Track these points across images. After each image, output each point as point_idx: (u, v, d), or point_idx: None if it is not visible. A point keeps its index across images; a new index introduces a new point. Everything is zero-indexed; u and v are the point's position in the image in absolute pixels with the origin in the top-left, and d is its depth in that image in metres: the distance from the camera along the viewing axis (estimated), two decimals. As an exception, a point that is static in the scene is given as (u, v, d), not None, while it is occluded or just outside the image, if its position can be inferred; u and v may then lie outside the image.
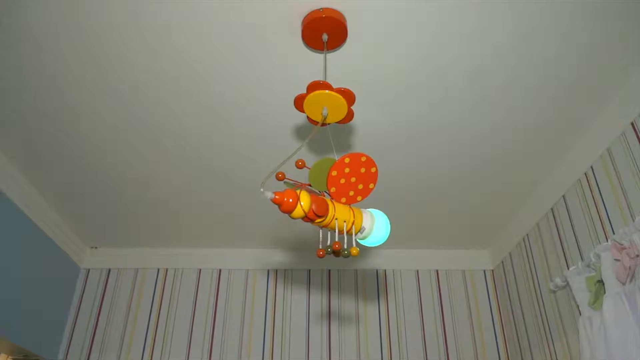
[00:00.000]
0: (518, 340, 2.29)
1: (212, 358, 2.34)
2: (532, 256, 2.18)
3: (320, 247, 0.99)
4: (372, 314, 2.47)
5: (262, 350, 2.36)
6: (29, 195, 2.08)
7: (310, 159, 1.76)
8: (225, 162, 1.90)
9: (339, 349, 2.38)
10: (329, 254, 0.99)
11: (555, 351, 1.96)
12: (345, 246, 0.98)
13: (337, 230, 1.00)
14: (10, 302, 1.98)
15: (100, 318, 2.42)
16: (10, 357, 2.20)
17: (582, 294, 1.66)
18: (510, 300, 2.39)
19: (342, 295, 2.52)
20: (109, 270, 2.55)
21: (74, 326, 2.40)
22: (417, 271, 2.60)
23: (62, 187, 2.07)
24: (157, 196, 2.12)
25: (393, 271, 2.60)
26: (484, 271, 2.62)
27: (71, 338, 2.37)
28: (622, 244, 1.44)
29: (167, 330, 2.40)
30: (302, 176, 1.24)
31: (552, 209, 2.02)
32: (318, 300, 2.50)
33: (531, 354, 2.16)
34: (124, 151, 1.84)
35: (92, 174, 1.98)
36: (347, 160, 0.99)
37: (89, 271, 2.55)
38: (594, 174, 1.74)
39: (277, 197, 0.93)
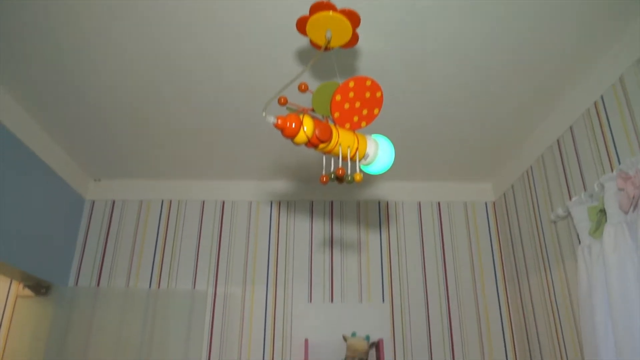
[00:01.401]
0: (516, 269, 2.35)
1: (217, 286, 2.41)
2: (535, 188, 2.18)
3: (324, 173, 0.98)
4: (374, 243, 2.52)
5: (266, 278, 2.43)
6: (32, 130, 2.07)
7: (314, 85, 1.71)
8: (226, 91, 1.86)
9: (341, 274, 2.45)
10: (333, 180, 0.98)
11: (552, 279, 2.01)
12: (349, 172, 0.96)
13: (340, 157, 0.99)
14: (20, 233, 2.01)
15: (107, 247, 2.48)
16: (22, 284, 2.27)
17: (583, 224, 1.67)
18: (510, 231, 2.42)
19: (345, 226, 2.55)
20: (114, 202, 2.58)
21: (82, 255, 2.46)
22: (419, 203, 2.62)
23: (65, 121, 2.04)
24: (158, 128, 2.10)
25: (395, 203, 2.62)
26: (486, 203, 2.63)
27: (80, 266, 2.44)
28: (627, 174, 1.43)
29: (173, 260, 2.46)
30: (305, 101, 1.21)
31: (557, 140, 1.99)
32: (320, 230, 2.54)
33: (528, 281, 2.21)
34: (126, 83, 1.79)
35: (94, 108, 1.95)
36: (351, 84, 0.95)
37: (93, 203, 2.58)
38: (603, 103, 1.69)
39: (279, 121, 0.91)
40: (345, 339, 2.27)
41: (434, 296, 2.43)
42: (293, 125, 0.90)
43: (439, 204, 2.62)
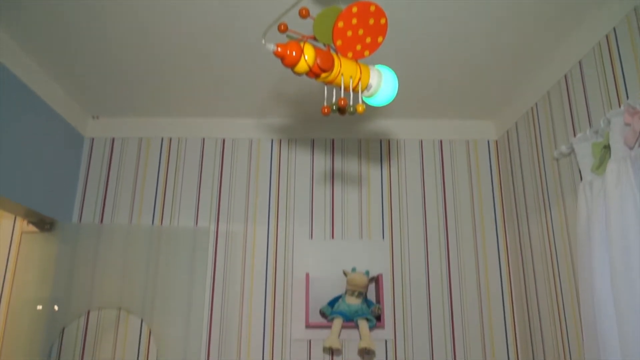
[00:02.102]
0: (516, 208, 2.36)
1: (219, 223, 2.44)
2: (539, 126, 2.15)
3: (325, 104, 0.96)
4: (375, 181, 2.52)
5: (268, 215, 2.45)
6: (29, 67, 2.02)
7: (315, 10, 1.64)
8: (225, 22, 1.79)
9: (342, 212, 2.47)
10: (334, 111, 0.95)
11: (551, 217, 2.02)
12: (351, 103, 0.94)
13: (342, 87, 0.96)
14: (21, 170, 2.00)
15: (109, 185, 2.48)
16: (26, 220, 2.30)
17: (587, 160, 1.66)
18: (511, 170, 2.42)
19: (346, 164, 2.55)
20: (113, 140, 2.56)
21: (85, 192, 2.47)
22: (421, 141, 2.60)
23: (61, 57, 1.99)
24: (156, 64, 2.04)
25: (397, 140, 2.59)
26: (488, 141, 2.61)
27: (83, 203, 2.45)
28: (635, 108, 1.40)
29: (175, 197, 2.47)
30: (306, 28, 1.16)
31: (565, 76, 1.94)
32: (321, 168, 2.54)
33: (527, 220, 2.23)
34: (123, 17, 1.72)
35: (91, 43, 1.88)
36: (354, 9, 0.91)
37: (93, 140, 2.56)
38: (615, 36, 1.63)
39: (279, 49, 0.88)
40: (345, 274, 2.32)
41: (434, 234, 2.46)
42: (293, 54, 0.87)
43: (440, 142, 2.60)
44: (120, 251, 2.31)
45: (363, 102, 1.01)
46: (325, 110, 0.94)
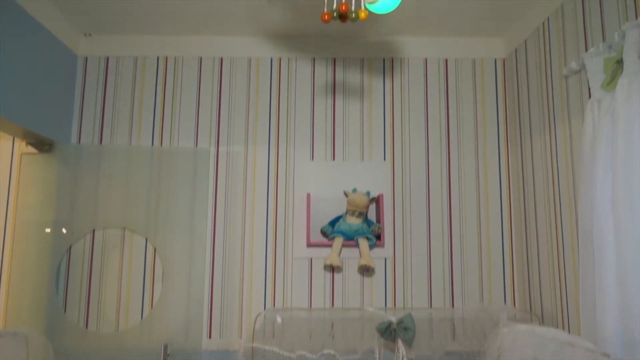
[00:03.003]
0: (520, 129, 2.32)
1: (219, 144, 2.41)
2: (549, 42, 2.06)
3: (326, 10, 0.90)
4: (377, 102, 2.47)
5: (268, 136, 2.42)
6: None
7: None
8: None
9: (343, 133, 2.44)
10: (335, 18, 0.90)
11: (555, 137, 1.99)
12: (353, 8, 0.88)
13: (344, -9, 0.89)
14: (14, 89, 1.95)
15: (105, 105, 2.43)
16: (25, 141, 2.28)
17: (597, 76, 1.60)
18: (518, 89, 2.35)
19: (347, 84, 2.48)
20: (107, 59, 2.48)
21: (82, 113, 2.43)
22: (425, 59, 2.51)
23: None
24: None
25: (400, 59, 2.51)
26: (495, 60, 2.52)
27: (81, 124, 2.42)
28: (653, 19, 1.32)
29: (174, 118, 2.43)
30: None
31: (580, -13, 1.83)
32: (322, 89, 2.47)
33: (531, 141, 2.20)
34: None
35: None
36: None
37: (86, 59, 2.47)
38: (639, -60, 1.51)
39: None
40: (346, 194, 2.33)
41: (435, 155, 2.44)
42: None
43: (445, 60, 2.51)
44: (121, 172, 2.31)
45: (365, 8, 0.94)
46: (326, 17, 0.88)
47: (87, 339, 2.23)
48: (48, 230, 2.25)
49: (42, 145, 2.29)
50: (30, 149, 2.29)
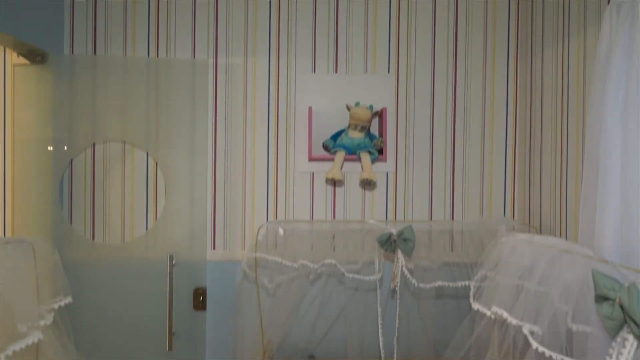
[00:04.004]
0: (532, 36, 2.22)
1: (217, 56, 2.33)
2: (570, -59, 1.91)
3: None
4: (382, 11, 2.34)
5: (268, 48, 2.33)
6: None
7: None
8: None
9: (346, 44, 2.34)
10: None
11: (569, 46, 1.90)
12: None
13: None
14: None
15: (97, 13, 2.31)
16: (16, 52, 2.20)
17: (619, -22, 1.49)
18: (532, 1, 2.22)
19: (351, -9, 2.34)
20: (96, -38, 2.32)
21: (72, 22, 2.31)
22: (435, -37, 2.35)
23: None
24: None
25: (408, -37, 2.35)
26: (509, -36, 2.36)
27: (73, 34, 2.32)
28: None
29: (170, 28, 2.32)
30: None
31: None
32: (325, -4, 2.34)
33: (542, 51, 2.11)
34: None
35: None
36: None
37: (73, -38, 2.32)
38: None
39: None
40: (348, 107, 2.28)
41: (441, 66, 2.36)
42: None
43: (457, -36, 2.35)
44: (118, 84, 2.25)
45: None
46: None
47: (94, 251, 2.29)
48: (50, 148, 2.23)
49: (34, 56, 2.21)
50: (22, 60, 2.22)
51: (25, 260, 1.36)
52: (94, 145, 2.30)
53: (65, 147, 2.26)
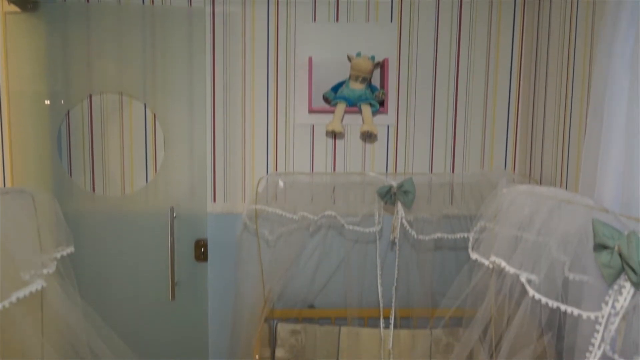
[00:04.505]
0: (540, -16, 2.14)
1: (215, 4, 2.25)
2: None
3: None
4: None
5: (267, -5, 2.26)
6: None
7: None
8: None
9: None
10: None
11: (578, -8, 1.84)
12: None
13: None
14: None
15: (89, -42, 2.23)
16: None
17: None
18: (542, -61, 2.12)
19: None
20: None
21: (63, -33, 2.23)
22: None
23: None
24: None
25: None
26: None
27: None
28: None
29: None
30: None
31: None
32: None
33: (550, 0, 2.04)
34: None
35: None
36: None
37: None
38: None
39: None
40: (349, 58, 2.23)
41: (445, 17, 2.28)
42: None
43: None
44: (112, 33, 2.19)
45: None
46: None
47: (95, 203, 2.29)
48: (47, 102, 2.20)
49: (25, 3, 2.14)
50: (13, 7, 2.15)
51: (25, 210, 1.36)
52: (90, 96, 2.26)
53: (62, 101, 2.22)
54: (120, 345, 1.50)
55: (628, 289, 0.94)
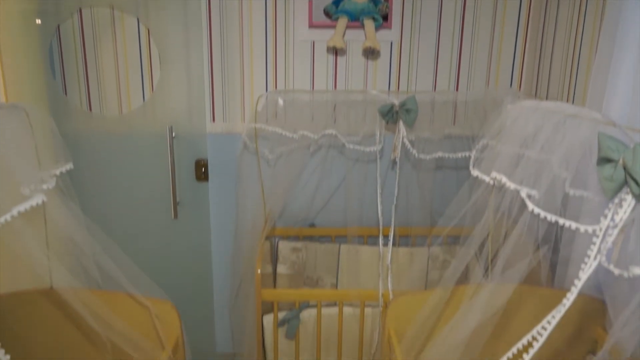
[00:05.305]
0: None
1: None
2: None
3: None
4: None
5: None
6: None
7: None
8: None
9: None
10: None
11: None
12: None
13: None
14: None
15: None
16: None
17: None
18: None
19: None
20: None
21: None
22: None
23: None
24: None
25: None
26: None
27: None
28: None
29: None
30: None
31: None
32: None
33: None
34: None
35: None
36: None
37: None
38: None
39: None
40: (352, -32, 2.10)
41: None
42: None
43: None
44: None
45: None
46: None
47: (92, 122, 2.26)
48: (38, 21, 2.10)
49: None
50: None
51: (21, 125, 1.33)
52: (80, 10, 2.16)
53: (52, 16, 2.12)
54: (125, 260, 1.53)
55: (629, 202, 0.93)
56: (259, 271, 1.87)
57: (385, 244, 2.07)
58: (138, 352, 1.46)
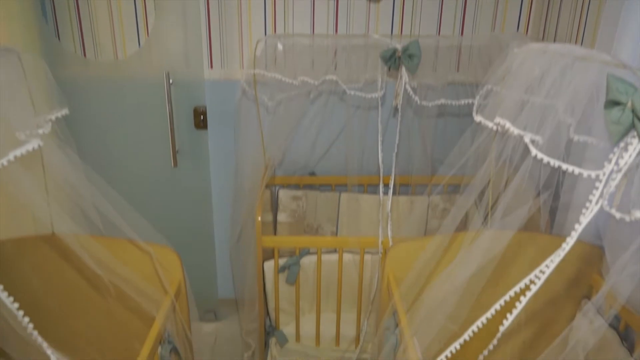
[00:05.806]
0: None
1: None
2: None
3: None
4: None
5: None
6: None
7: None
8: None
9: None
10: None
11: None
12: None
13: None
14: None
15: None
16: None
17: None
18: None
19: None
20: None
21: None
22: None
23: None
24: None
25: None
26: None
27: None
28: None
29: None
30: None
31: None
32: None
33: None
34: None
35: None
36: None
37: None
38: None
39: None
40: None
41: None
42: None
43: None
44: None
45: None
46: None
47: (87, 68, 2.21)
48: None
49: None
50: None
51: (14, 70, 1.30)
52: (69, -51, 2.06)
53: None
54: (126, 207, 1.53)
55: (635, 146, 0.92)
56: (259, 218, 1.88)
57: (386, 193, 2.06)
58: (141, 296, 1.48)
